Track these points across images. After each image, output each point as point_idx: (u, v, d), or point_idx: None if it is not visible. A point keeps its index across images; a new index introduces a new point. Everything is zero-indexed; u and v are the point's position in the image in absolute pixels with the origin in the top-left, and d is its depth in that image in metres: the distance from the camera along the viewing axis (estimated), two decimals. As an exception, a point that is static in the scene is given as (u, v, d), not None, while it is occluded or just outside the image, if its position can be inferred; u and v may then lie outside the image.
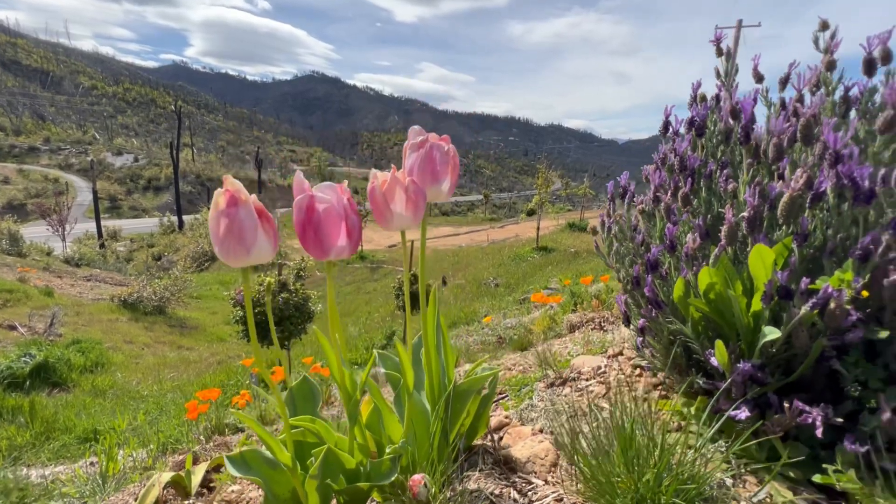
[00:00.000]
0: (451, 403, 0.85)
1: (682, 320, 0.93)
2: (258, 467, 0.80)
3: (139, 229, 31.74)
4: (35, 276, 12.40)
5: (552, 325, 4.26)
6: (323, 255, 0.67)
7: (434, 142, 0.79)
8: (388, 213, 0.75)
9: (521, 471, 0.90)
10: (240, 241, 0.60)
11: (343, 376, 0.78)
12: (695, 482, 0.67)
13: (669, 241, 0.96)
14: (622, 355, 1.43)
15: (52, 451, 4.69)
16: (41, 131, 63.15)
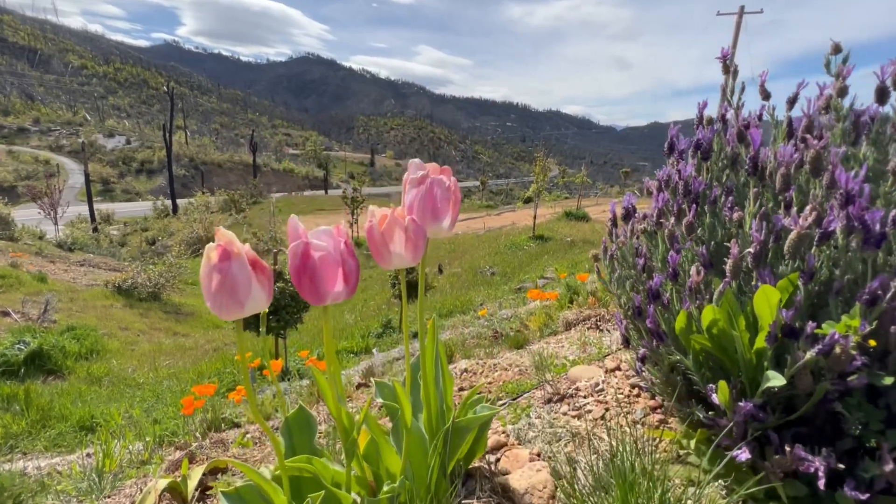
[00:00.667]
0: (451, 438, 0.84)
1: (683, 352, 0.92)
2: (253, 502, 0.79)
3: (133, 213, 31.43)
4: (27, 261, 12.29)
5: (548, 322, 4.27)
6: (319, 301, 0.65)
7: (434, 177, 0.77)
8: (387, 253, 0.73)
9: (520, 502, 0.90)
10: (232, 297, 0.58)
11: (340, 413, 0.76)
12: (695, 532, 0.67)
13: (672, 270, 0.94)
14: (619, 370, 1.43)
15: (48, 440, 4.70)
16: (30, 112, 61.91)
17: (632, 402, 1.18)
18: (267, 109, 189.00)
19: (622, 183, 56.70)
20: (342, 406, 0.76)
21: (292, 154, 79.81)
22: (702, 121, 1.10)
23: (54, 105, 75.67)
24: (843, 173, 0.76)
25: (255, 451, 2.24)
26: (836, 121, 0.96)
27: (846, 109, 0.95)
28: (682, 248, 0.97)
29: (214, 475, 1.98)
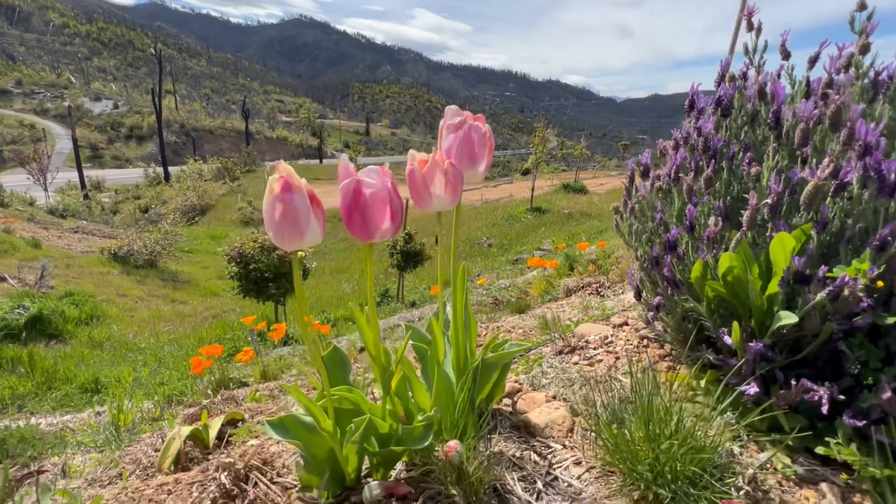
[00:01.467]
0: (479, 375, 0.90)
1: (697, 299, 0.98)
2: (297, 431, 0.85)
3: (123, 180, 30.88)
4: (20, 227, 12.15)
5: (549, 289, 4.36)
6: (368, 237, 0.68)
7: (472, 123, 0.79)
8: (428, 195, 0.76)
9: (540, 435, 0.97)
10: (294, 227, 0.61)
11: (379, 351, 0.81)
12: (708, 451, 0.74)
13: (689, 223, 0.98)
14: (627, 325, 1.50)
15: (55, 401, 4.81)
16: (12, 73, 59.57)
17: (641, 352, 1.25)
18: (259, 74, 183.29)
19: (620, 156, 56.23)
20: (380, 345, 0.80)
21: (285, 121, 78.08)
22: (723, 78, 1.12)
23: (36, 66, 72.84)
24: (864, 125, 0.79)
25: (269, 404, 2.32)
26: (856, 78, 0.98)
27: (866, 67, 0.97)
28: (700, 203, 1.01)
29: (233, 425, 2.06)
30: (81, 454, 2.34)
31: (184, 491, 1.19)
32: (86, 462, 2.12)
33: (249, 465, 0.99)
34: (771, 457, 0.82)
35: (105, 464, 1.98)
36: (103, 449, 2.33)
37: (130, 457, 1.98)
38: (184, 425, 1.89)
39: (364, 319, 0.83)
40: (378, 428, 0.85)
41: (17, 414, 4.37)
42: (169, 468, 1.71)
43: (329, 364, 0.92)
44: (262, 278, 6.70)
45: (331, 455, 0.86)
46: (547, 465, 0.88)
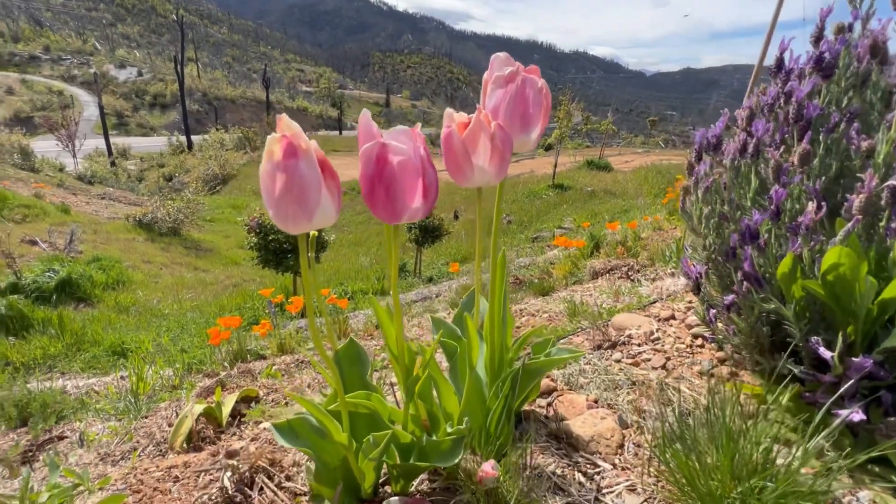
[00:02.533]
0: (520, 382, 0.77)
1: (781, 300, 0.82)
2: (307, 436, 0.74)
3: (148, 148, 31.32)
4: (50, 193, 12.45)
5: (573, 270, 4.18)
6: (394, 218, 0.54)
7: (526, 76, 0.63)
8: (468, 166, 0.60)
9: (584, 450, 0.84)
10: (300, 204, 0.47)
11: (403, 350, 0.69)
12: (812, 497, 0.59)
13: (775, 208, 0.81)
14: (674, 319, 1.34)
15: (83, 362, 4.96)
16: (40, 38, 60.32)
17: (695, 353, 1.10)
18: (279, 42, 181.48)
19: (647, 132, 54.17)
20: (404, 343, 0.68)
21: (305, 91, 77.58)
22: (821, 32, 0.92)
23: (63, 31, 73.55)
24: None
25: (284, 381, 2.27)
26: None
27: None
28: (790, 183, 0.83)
29: (247, 403, 2.01)
30: (101, 421, 2.35)
31: (190, 481, 1.12)
32: (104, 430, 2.11)
33: (256, 466, 0.89)
34: (870, 494, 0.68)
35: (121, 434, 1.96)
36: (122, 417, 2.33)
37: (145, 429, 1.95)
38: (197, 402, 1.84)
39: (385, 313, 0.71)
40: (399, 437, 0.73)
41: (48, 374, 4.52)
42: (181, 446, 1.66)
43: (345, 360, 0.80)
44: (280, 249, 6.69)
45: (344, 463, 0.75)
46: (595, 489, 0.75)
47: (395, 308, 0.67)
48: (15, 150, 16.17)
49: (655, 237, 5.38)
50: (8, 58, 49.98)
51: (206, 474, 1.15)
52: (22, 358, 4.83)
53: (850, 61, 0.87)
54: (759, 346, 0.89)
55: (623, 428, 0.88)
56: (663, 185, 14.90)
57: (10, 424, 2.47)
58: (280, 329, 3.86)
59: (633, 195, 15.57)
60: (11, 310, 5.50)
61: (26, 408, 2.59)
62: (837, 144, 0.86)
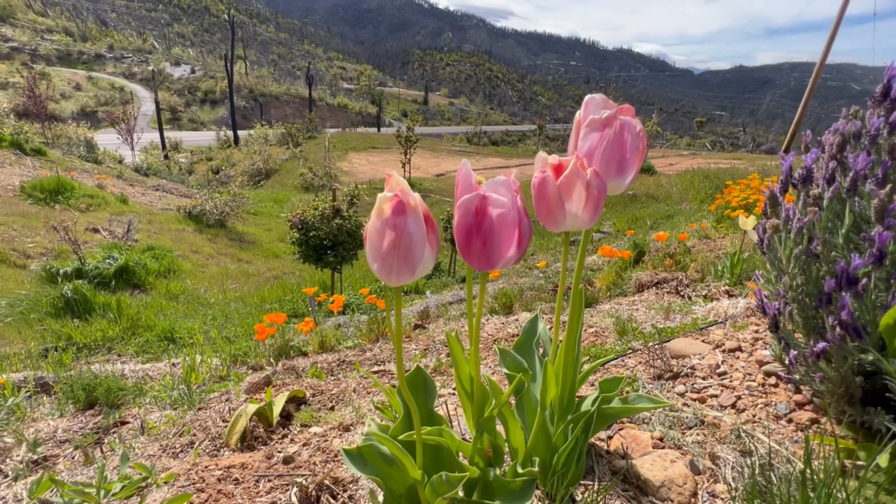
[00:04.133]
0: (594, 424, 0.75)
1: (882, 352, 0.76)
2: (375, 463, 0.75)
3: (198, 142, 32.94)
4: (111, 184, 13.30)
5: (617, 282, 4.05)
6: (488, 267, 0.53)
7: (625, 120, 0.60)
8: (561, 212, 0.59)
9: (655, 496, 0.80)
10: (406, 260, 0.47)
11: (477, 388, 0.68)
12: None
13: (879, 252, 0.75)
14: (741, 352, 1.27)
15: (137, 346, 5.28)
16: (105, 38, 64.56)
17: (768, 394, 1.04)
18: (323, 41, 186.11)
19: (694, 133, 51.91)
20: (480, 383, 0.67)
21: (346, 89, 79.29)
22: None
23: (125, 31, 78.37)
24: None
25: (329, 383, 2.32)
26: None
27: None
28: (893, 225, 0.76)
29: (295, 403, 2.07)
30: (158, 409, 2.49)
31: (250, 486, 1.16)
32: (161, 419, 2.24)
33: (321, 484, 0.91)
34: None
35: (178, 425, 2.07)
36: (176, 406, 2.46)
37: (200, 423, 2.05)
38: (250, 401, 1.92)
39: (459, 348, 0.70)
40: (467, 472, 0.73)
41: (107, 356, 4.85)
42: (236, 444, 1.73)
43: (411, 387, 0.81)
44: (320, 245, 6.86)
45: (411, 492, 0.76)
46: (670, 542, 0.72)
47: (474, 351, 0.66)
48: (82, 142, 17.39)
49: (703, 247, 5.14)
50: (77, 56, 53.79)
51: (266, 481, 1.19)
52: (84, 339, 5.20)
53: (971, 91, 0.79)
54: (848, 395, 0.83)
55: (695, 474, 0.84)
56: (710, 191, 14.23)
57: (78, 406, 2.65)
58: (321, 326, 3.96)
59: (677, 200, 14.97)
60: (76, 294, 5.92)
61: (93, 391, 2.77)
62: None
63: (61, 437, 2.25)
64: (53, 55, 50.81)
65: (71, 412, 2.63)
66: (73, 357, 4.58)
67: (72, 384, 2.64)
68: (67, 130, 19.49)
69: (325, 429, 1.59)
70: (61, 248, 7.88)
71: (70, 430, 2.31)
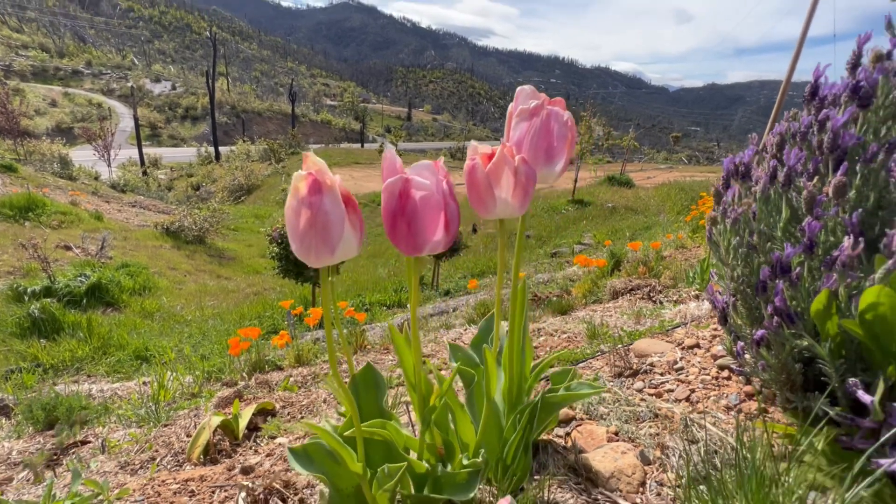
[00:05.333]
0: (538, 414, 0.75)
1: (814, 337, 0.78)
2: (321, 462, 0.74)
3: (178, 158, 32.49)
4: (85, 200, 12.98)
5: (593, 289, 4.10)
6: (414, 251, 0.54)
7: (552, 109, 0.63)
8: (490, 199, 0.60)
9: (605, 487, 0.81)
10: (324, 239, 0.48)
11: (419, 379, 0.68)
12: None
13: (809, 241, 0.78)
14: (699, 348, 1.29)
15: (108, 365, 5.09)
16: (83, 54, 63.79)
17: (721, 386, 1.06)
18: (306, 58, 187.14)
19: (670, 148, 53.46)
20: (422, 373, 0.67)
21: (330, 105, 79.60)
22: (858, 59, 0.89)
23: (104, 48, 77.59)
24: None
25: (300, 395, 2.27)
26: None
27: None
28: (824, 216, 0.80)
29: (264, 416, 2.02)
30: (123, 427, 2.39)
31: (205, 497, 1.13)
32: (125, 437, 2.15)
33: (270, 487, 0.89)
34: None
35: (140, 442, 2.00)
36: (142, 424, 2.37)
37: (164, 439, 1.98)
38: (215, 414, 1.86)
39: (404, 342, 0.70)
40: (414, 467, 0.72)
41: (75, 376, 4.65)
42: (198, 458, 1.67)
43: (361, 385, 0.80)
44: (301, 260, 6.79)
45: (358, 491, 0.75)
46: (616, 531, 0.72)
47: (414, 338, 0.66)
48: (55, 159, 17.00)
49: (678, 256, 5.25)
50: (53, 72, 52.90)
51: (222, 490, 1.16)
52: (51, 360, 4.99)
53: (889, 90, 0.84)
54: (790, 382, 0.85)
55: (645, 464, 0.84)
56: (686, 202, 14.60)
57: (36, 427, 2.53)
58: (298, 340, 3.89)
59: (654, 212, 15.30)
60: (44, 313, 5.71)
61: (53, 411, 2.66)
62: (876, 176, 0.83)
63: (16, 460, 2.14)
64: (28, 71, 49.88)
65: (29, 433, 2.51)
66: (39, 378, 4.39)
67: (31, 405, 2.53)
68: (41, 147, 19.06)
69: (290, 439, 1.55)
70: (30, 267, 7.62)
71: (26, 451, 2.21)
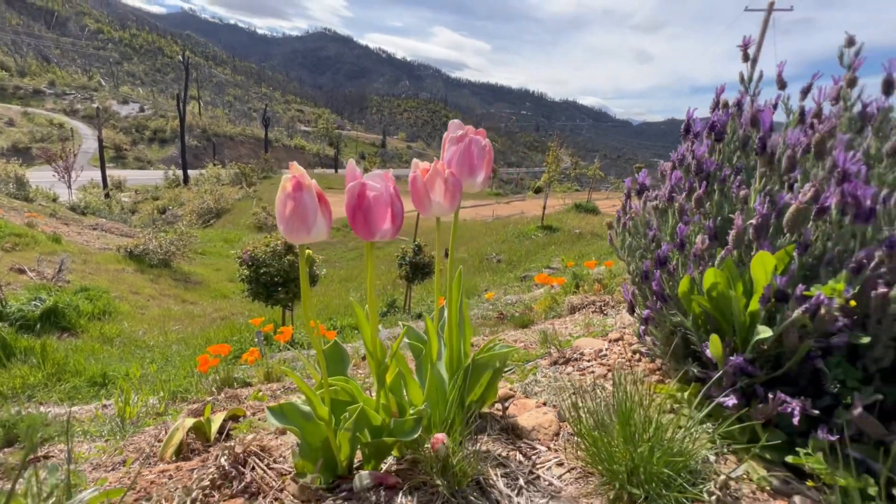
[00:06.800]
0: (469, 375, 0.94)
1: (683, 314, 1.01)
2: (294, 418, 0.90)
3: (144, 181, 31.67)
4: (42, 222, 12.51)
5: (553, 306, 4.37)
6: (370, 236, 0.74)
7: (473, 136, 0.85)
8: (428, 201, 0.82)
9: (527, 437, 1.00)
10: (303, 222, 0.68)
11: (375, 345, 0.87)
12: (682, 456, 0.77)
13: (680, 240, 1.03)
14: (622, 340, 1.53)
15: (63, 392, 4.91)
16: (46, 74, 61.99)
17: (633, 366, 1.28)
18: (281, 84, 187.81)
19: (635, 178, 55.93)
20: (378, 340, 0.86)
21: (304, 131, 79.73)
22: (717, 104, 1.17)
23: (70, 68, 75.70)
24: (842, 153, 0.84)
25: (270, 402, 2.37)
26: (844, 110, 1.02)
27: (854, 99, 1.01)
28: (691, 222, 1.05)
29: (235, 421, 2.11)
30: (87, 442, 2.40)
31: (184, 477, 1.23)
32: (91, 450, 2.18)
33: (248, 450, 1.04)
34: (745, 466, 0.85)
35: (109, 452, 2.04)
36: (109, 439, 2.39)
37: (134, 446, 2.03)
38: (188, 418, 1.95)
39: (363, 314, 0.89)
40: (371, 420, 0.90)
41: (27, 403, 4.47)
42: (171, 458, 1.76)
43: (329, 358, 0.97)
44: (271, 282, 6.80)
45: (325, 444, 0.91)
46: (530, 464, 0.91)
47: (371, 311, 0.85)
48: (10, 179, 16.33)
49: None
50: (12, 91, 51.09)
51: (200, 471, 1.26)
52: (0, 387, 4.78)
53: (735, 129, 1.11)
54: (674, 354, 1.08)
55: (560, 420, 1.04)
56: (647, 229, 15.30)
57: (-6, 445, 2.50)
58: (267, 359, 3.94)
59: (618, 238, 15.92)
60: (-4, 336, 5.48)
61: (13, 429, 2.63)
62: (729, 192, 1.09)
63: (-27, 475, 2.14)
64: (-16, 89, 48.01)
65: (-14, 450, 2.48)
66: (-13, 404, 4.21)
67: (-11, 420, 2.51)
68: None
69: (262, 434, 1.66)
70: (-20, 290, 7.28)
71: (-15, 466, 2.20)
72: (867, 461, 0.79)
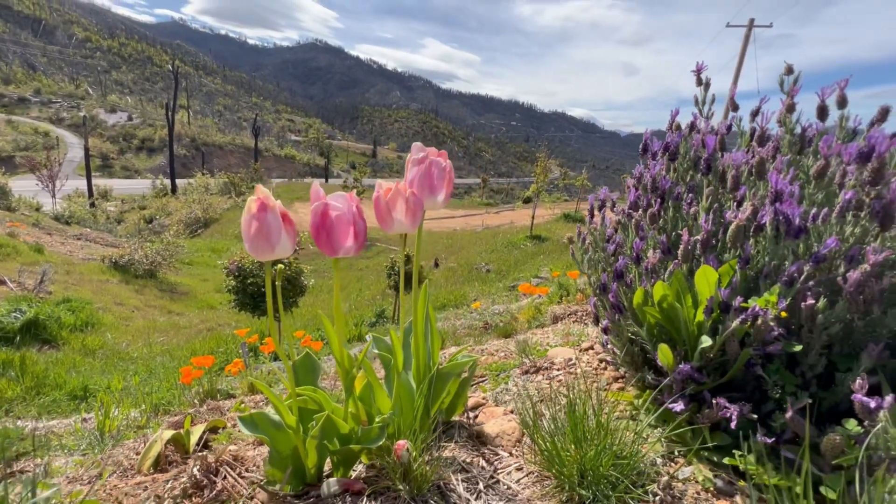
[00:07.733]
0: (434, 384, 0.98)
1: (639, 324, 1.07)
2: (265, 427, 0.93)
3: (131, 190, 31.32)
4: (25, 232, 12.31)
5: (536, 315, 4.44)
6: (333, 253, 0.79)
7: (433, 159, 0.91)
8: (390, 218, 0.87)
9: (491, 444, 1.04)
10: (267, 240, 0.72)
11: (343, 355, 0.91)
12: (629, 458, 0.82)
13: (636, 254, 1.09)
14: (592, 350, 1.58)
15: (42, 406, 4.81)
16: (32, 82, 61.31)
17: (598, 374, 1.33)
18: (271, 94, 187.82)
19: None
20: (345, 351, 0.90)
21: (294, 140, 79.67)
22: (671, 126, 1.25)
23: (56, 77, 74.96)
24: (775, 175, 0.91)
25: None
26: (785, 133, 1.10)
27: (793, 124, 1.09)
28: (647, 237, 1.11)
29: (215, 433, 2.11)
30: (65, 456, 2.38)
31: (159, 488, 1.25)
32: (68, 464, 2.16)
33: (221, 460, 1.06)
34: (691, 468, 0.90)
35: (87, 465, 2.03)
36: (87, 452, 2.37)
37: (112, 459, 2.03)
38: (167, 430, 1.95)
39: (330, 325, 0.93)
40: (339, 428, 0.93)
41: (4, 418, 4.37)
42: (148, 470, 1.76)
43: (300, 369, 1.01)
44: (258, 293, 6.77)
45: (294, 452, 0.94)
46: (492, 469, 0.95)
47: (337, 320, 0.89)
48: (-7, 188, 16.06)
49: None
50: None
51: (174, 481, 1.28)
52: (-25, 401, 4.68)
53: (687, 149, 1.19)
54: (634, 362, 1.13)
55: (524, 427, 1.09)
56: (634, 239, 15.51)
57: (-32, 458, 2.46)
58: (252, 370, 3.92)
59: (605, 247, 16.09)
60: (-27, 349, 5.37)
61: (-13, 442, 2.59)
62: (681, 208, 1.16)
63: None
64: (-33, 98, 47.31)
65: (-40, 464, 2.44)
66: (-37, 418, 4.12)
67: (-35, 434, 2.48)
68: (-25, 175, 17.94)
69: (240, 445, 1.68)
70: (-42, 301, 7.14)
71: (-41, 479, 2.17)
72: (800, 461, 0.84)
